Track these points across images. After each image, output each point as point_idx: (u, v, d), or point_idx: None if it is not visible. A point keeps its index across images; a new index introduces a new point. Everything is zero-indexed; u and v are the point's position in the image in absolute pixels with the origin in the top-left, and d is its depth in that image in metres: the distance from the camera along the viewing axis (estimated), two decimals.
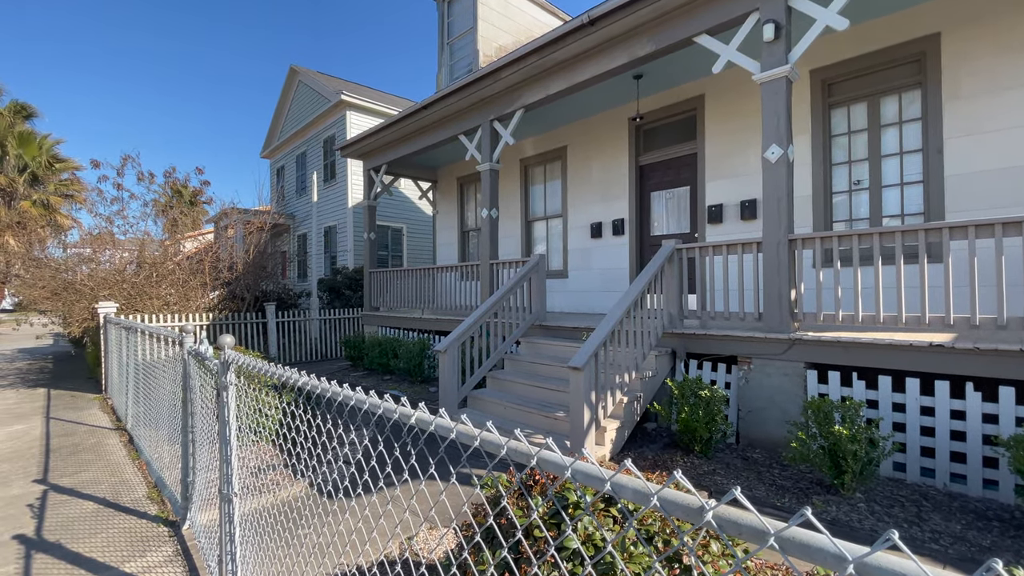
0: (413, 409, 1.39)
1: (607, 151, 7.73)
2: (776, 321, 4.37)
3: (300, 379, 1.79)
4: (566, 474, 1.00)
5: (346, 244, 15.30)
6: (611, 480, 0.79)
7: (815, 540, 0.58)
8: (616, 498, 1.92)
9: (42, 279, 9.07)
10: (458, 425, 1.34)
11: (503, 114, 6.89)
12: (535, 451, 1.11)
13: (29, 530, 3.46)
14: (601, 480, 0.92)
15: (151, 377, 4.95)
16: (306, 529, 3.23)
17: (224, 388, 2.38)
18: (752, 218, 6.16)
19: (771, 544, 0.60)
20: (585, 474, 0.97)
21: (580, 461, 1.00)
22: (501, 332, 6.04)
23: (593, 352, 3.96)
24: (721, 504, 0.66)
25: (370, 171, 9.95)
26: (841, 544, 0.56)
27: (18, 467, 4.73)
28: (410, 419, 1.45)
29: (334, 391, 1.57)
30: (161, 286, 9.07)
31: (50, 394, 8.00)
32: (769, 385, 4.42)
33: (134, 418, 5.73)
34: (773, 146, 4.40)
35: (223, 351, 2.39)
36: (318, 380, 1.80)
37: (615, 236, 7.60)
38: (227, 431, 2.39)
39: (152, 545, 3.23)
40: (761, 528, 0.62)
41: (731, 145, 6.38)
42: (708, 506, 0.67)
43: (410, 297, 9.03)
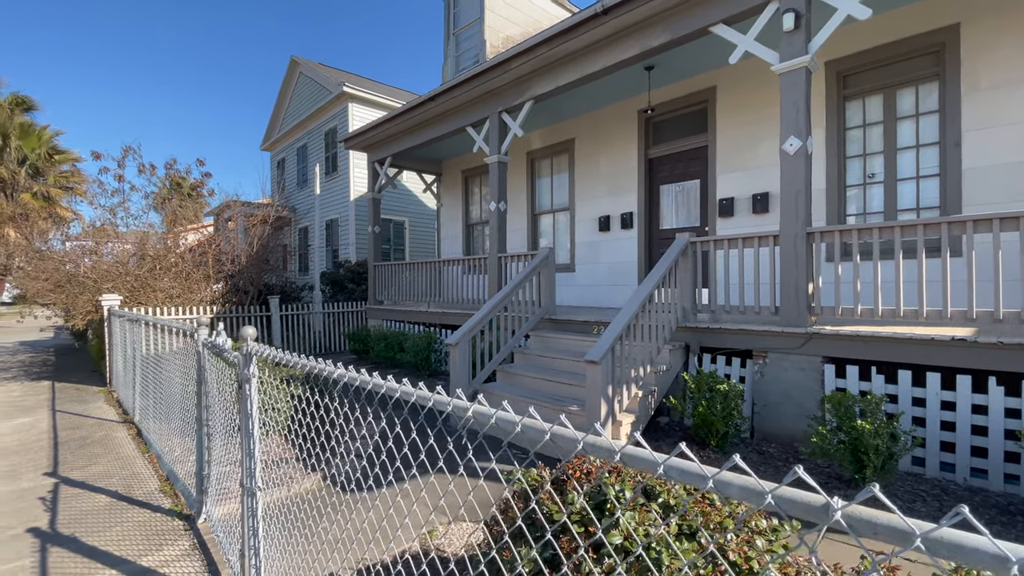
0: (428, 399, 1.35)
1: (616, 144, 7.66)
2: (793, 315, 4.33)
3: (335, 371, 1.75)
4: (616, 459, 0.95)
5: (348, 237, 15.22)
6: (714, 478, 0.75)
7: (970, 540, 0.54)
8: (656, 491, 1.88)
9: (45, 271, 8.99)
10: (498, 412, 1.31)
11: (512, 105, 6.81)
12: (581, 436, 1.04)
13: (43, 523, 3.42)
14: (654, 464, 0.88)
15: (160, 370, 4.90)
16: (323, 523, 3.19)
17: (247, 380, 2.34)
18: (764, 212, 6.11)
19: (917, 545, 0.56)
20: (641, 459, 0.93)
21: (631, 446, 0.96)
22: (510, 326, 5.99)
23: (610, 346, 3.92)
24: (852, 504, 0.62)
25: (374, 164, 9.87)
26: (1003, 545, 0.52)
27: (27, 460, 4.68)
28: (447, 407, 1.41)
29: (375, 383, 1.52)
30: (164, 279, 9.00)
31: (55, 387, 7.95)
32: (785, 379, 4.39)
33: (142, 411, 5.68)
34: (792, 138, 4.34)
35: (245, 343, 2.35)
36: (346, 370, 1.76)
37: (623, 230, 7.54)
38: (250, 424, 2.35)
39: (168, 539, 3.20)
40: (904, 528, 0.58)
41: (743, 138, 6.32)
42: (836, 505, 0.62)
43: (415, 291, 8.97)
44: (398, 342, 8.05)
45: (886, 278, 4.63)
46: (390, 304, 9.65)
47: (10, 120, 16.95)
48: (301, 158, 17.65)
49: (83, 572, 2.84)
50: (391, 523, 2.97)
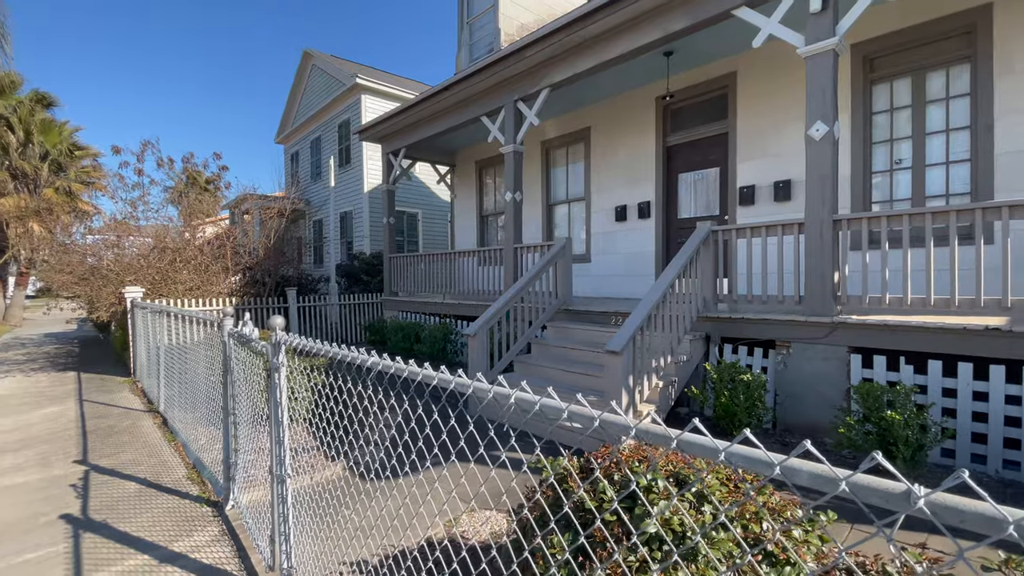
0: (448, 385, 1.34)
1: (633, 132, 7.56)
2: (818, 304, 4.25)
3: (369, 359, 1.75)
4: (672, 445, 0.94)
5: (362, 229, 15.29)
6: (781, 465, 0.72)
7: None
8: (688, 480, 1.86)
9: (69, 265, 9.17)
10: (517, 392, 1.31)
11: (527, 94, 6.74)
12: (634, 423, 1.05)
13: (75, 510, 3.51)
14: (715, 451, 0.86)
15: (184, 360, 4.98)
16: (346, 510, 3.23)
17: (276, 369, 2.36)
18: (786, 199, 5.99)
19: (1010, 533, 0.54)
20: (701, 446, 0.92)
21: (688, 433, 0.93)
22: (527, 317, 5.98)
23: (631, 336, 3.89)
24: (937, 491, 0.59)
25: (388, 155, 9.87)
26: None
27: (57, 448, 4.80)
28: (467, 389, 1.41)
29: (411, 371, 1.52)
30: (184, 271, 9.13)
31: (80, 377, 8.14)
32: (809, 370, 4.32)
33: (166, 400, 5.79)
34: (818, 123, 4.24)
35: (274, 332, 2.36)
36: (379, 358, 1.76)
37: (641, 219, 7.46)
38: (279, 412, 2.37)
39: (198, 525, 3.26)
40: (995, 516, 0.55)
41: (765, 124, 6.19)
42: (918, 492, 0.60)
43: (430, 282, 8.99)
44: (414, 333, 8.09)
45: (916, 266, 4.50)
46: (405, 296, 9.69)
47: (31, 116, 17.22)
48: (315, 151, 17.73)
49: (116, 557, 2.90)
50: (414, 511, 2.99)
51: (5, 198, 15.64)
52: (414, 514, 2.44)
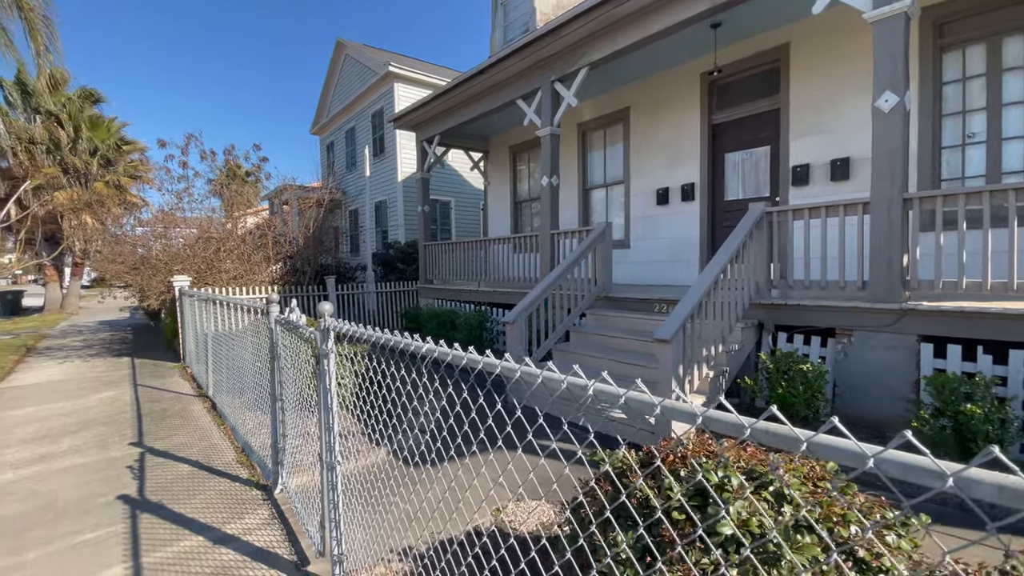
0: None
1: (676, 110, 7.25)
2: (883, 290, 3.96)
3: (418, 344, 1.67)
4: (745, 434, 0.86)
5: (396, 219, 15.40)
6: (876, 457, 0.59)
7: None
8: (766, 478, 1.72)
9: (121, 255, 9.56)
10: (569, 376, 1.20)
11: (565, 74, 6.53)
12: (702, 411, 0.96)
13: (132, 490, 3.62)
14: (796, 441, 0.77)
15: (231, 346, 5.08)
16: (390, 495, 3.21)
17: (325, 356, 2.32)
18: (844, 179, 5.62)
19: None
20: (779, 435, 0.81)
21: (762, 421, 0.85)
22: (566, 304, 5.85)
23: (681, 324, 3.71)
24: None
25: (422, 143, 9.82)
26: None
27: (114, 431, 4.99)
28: (536, 379, 1.31)
29: (459, 356, 1.43)
30: (228, 261, 9.37)
31: (134, 363, 8.50)
32: (872, 360, 4.05)
33: (214, 385, 5.95)
34: (887, 93, 3.91)
35: (322, 319, 2.32)
36: (424, 342, 1.69)
37: (684, 202, 7.18)
38: (328, 399, 2.33)
39: (248, 508, 3.30)
40: None
41: (821, 98, 5.80)
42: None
43: (464, 270, 8.95)
44: (450, 320, 8.08)
45: (997, 248, 4.14)
46: (440, 283, 9.69)
47: (80, 113, 17.96)
48: (349, 141, 17.90)
49: (171, 538, 2.97)
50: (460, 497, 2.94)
51: (59, 192, 16.43)
52: (459, 499, 2.38)
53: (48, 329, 13.78)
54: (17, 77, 17.10)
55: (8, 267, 12.37)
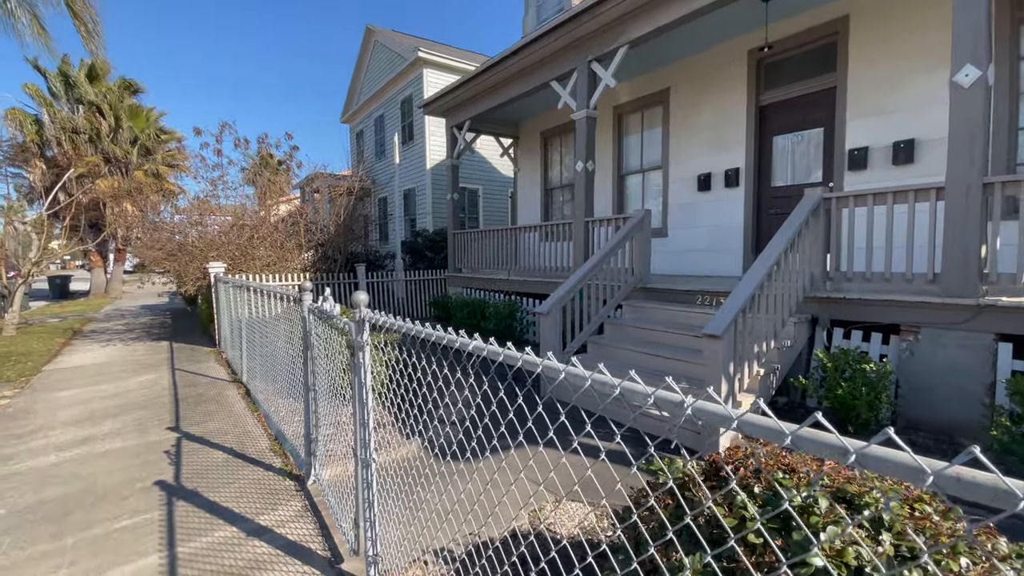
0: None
1: (720, 91, 6.86)
2: (958, 283, 3.61)
3: (470, 343, 1.52)
4: (786, 441, 0.76)
5: (425, 206, 15.34)
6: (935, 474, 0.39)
7: None
8: (860, 500, 1.50)
9: (159, 241, 9.77)
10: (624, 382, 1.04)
11: (602, 54, 6.22)
12: (737, 414, 0.87)
13: (168, 476, 3.62)
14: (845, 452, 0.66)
15: (265, 333, 5.07)
16: (424, 492, 3.10)
17: (360, 348, 2.19)
18: (908, 162, 5.20)
19: None
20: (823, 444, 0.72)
21: (806, 428, 0.75)
22: (602, 295, 5.63)
23: (733, 319, 3.46)
24: None
25: (452, 128, 9.65)
26: None
27: (152, 415, 5.06)
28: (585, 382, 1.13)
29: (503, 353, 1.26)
30: (261, 248, 9.46)
31: (172, 347, 8.69)
32: (942, 359, 3.72)
33: (248, 371, 5.99)
34: (968, 67, 3.52)
35: (358, 309, 2.19)
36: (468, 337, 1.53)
37: (727, 188, 6.82)
38: (363, 393, 2.21)
39: (281, 498, 3.25)
40: None
41: (883, 76, 5.36)
42: None
43: (494, 258, 8.80)
44: (480, 309, 7.95)
45: None
46: (469, 272, 9.57)
47: (120, 103, 18.44)
48: (378, 129, 17.89)
49: (206, 527, 2.93)
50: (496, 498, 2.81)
51: (100, 180, 16.96)
52: (496, 502, 2.23)
53: (93, 313, 14.31)
54: (60, 68, 17.65)
55: (56, 253, 12.83)
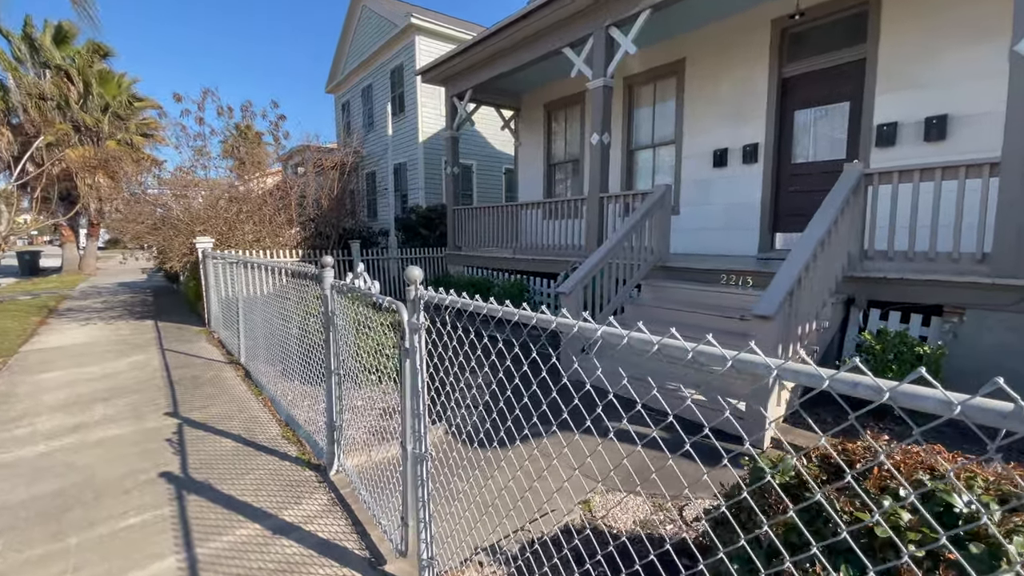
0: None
1: (740, 62, 6.59)
2: (1010, 263, 3.48)
3: (551, 320, 1.27)
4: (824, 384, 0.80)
5: (417, 181, 14.84)
6: None
7: None
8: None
9: (140, 215, 9.19)
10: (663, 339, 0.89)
11: (622, 18, 5.87)
12: (776, 362, 0.89)
13: (174, 467, 3.34)
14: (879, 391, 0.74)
15: (270, 313, 4.75)
16: (462, 484, 2.89)
17: (415, 330, 1.92)
18: (940, 139, 5.04)
19: None
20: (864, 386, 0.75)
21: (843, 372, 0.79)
22: (621, 275, 5.41)
23: (783, 299, 3.28)
24: None
25: (452, 98, 9.20)
26: None
27: (147, 399, 4.72)
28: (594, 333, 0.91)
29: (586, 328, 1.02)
30: (250, 222, 8.98)
31: (158, 326, 8.25)
32: (989, 342, 3.61)
33: (247, 352, 5.66)
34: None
35: (413, 287, 1.92)
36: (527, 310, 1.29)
37: (745, 164, 6.60)
38: (418, 380, 1.96)
39: (304, 491, 3.00)
40: None
41: (916, 47, 5.15)
42: None
43: (496, 236, 8.51)
44: (485, 289, 7.69)
45: None
46: (469, 250, 9.27)
47: (89, 67, 17.33)
48: (366, 99, 17.17)
49: (225, 525, 2.67)
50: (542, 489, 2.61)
51: (70, 149, 16.00)
52: (543, 495, 2.03)
53: (68, 290, 13.61)
54: (24, 31, 16.44)
55: (24, 227, 12.07)
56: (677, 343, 1.01)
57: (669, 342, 1.03)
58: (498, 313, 1.66)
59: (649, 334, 1.12)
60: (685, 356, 1.01)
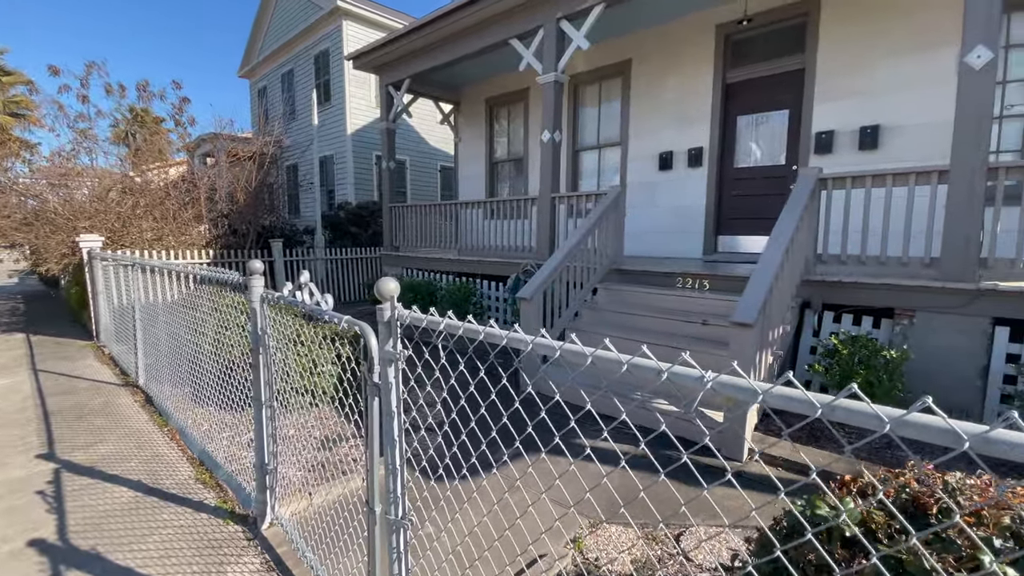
0: None
1: (685, 66, 6.61)
2: (957, 268, 3.62)
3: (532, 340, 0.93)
4: (817, 412, 0.74)
5: (346, 176, 13.91)
6: None
7: None
8: None
9: (7, 207, 7.66)
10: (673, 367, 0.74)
11: (574, 11, 5.64)
12: (763, 387, 0.80)
13: (49, 532, 2.61)
14: None
15: (174, 324, 3.99)
16: (431, 526, 2.47)
17: (388, 362, 1.49)
18: (873, 148, 5.28)
19: None
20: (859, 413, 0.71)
21: (843, 399, 0.74)
22: (577, 278, 5.18)
23: (762, 305, 3.16)
24: None
25: (388, 87, 8.56)
26: None
27: (14, 436, 3.80)
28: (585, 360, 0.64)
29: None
30: (149, 218, 7.81)
31: (31, 340, 6.91)
32: (937, 343, 3.74)
33: (147, 371, 4.79)
34: (979, 47, 3.46)
35: (385, 305, 1.48)
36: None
37: (691, 168, 6.64)
38: (393, 427, 1.52)
39: (229, 554, 2.42)
40: None
41: (853, 58, 5.37)
42: None
43: (438, 236, 8.05)
44: (428, 293, 7.18)
45: None
46: (408, 251, 8.68)
47: None
48: (287, 86, 15.86)
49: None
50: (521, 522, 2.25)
51: None
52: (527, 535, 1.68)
53: None
54: None
55: None
56: (650, 364, 0.91)
57: (641, 362, 0.93)
58: (502, 341, 1.28)
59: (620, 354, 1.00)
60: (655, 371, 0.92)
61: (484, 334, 1.21)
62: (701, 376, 0.86)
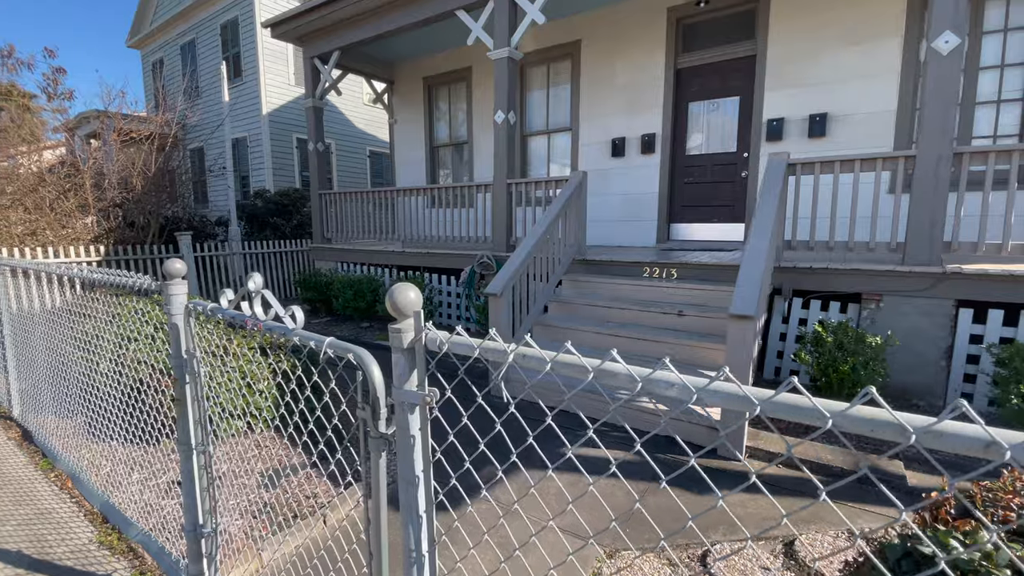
0: None
1: (636, 50, 6.43)
2: (923, 252, 3.69)
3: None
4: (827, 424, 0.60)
5: (262, 161, 12.61)
6: None
7: None
8: None
9: None
10: None
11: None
12: (762, 394, 0.65)
13: None
14: None
15: (62, 338, 3.16)
16: None
17: (411, 406, 1.04)
18: (821, 136, 5.38)
19: None
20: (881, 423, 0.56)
21: (861, 406, 0.59)
22: (544, 270, 4.84)
23: (759, 295, 2.99)
24: None
25: (313, 60, 7.67)
26: None
27: None
28: None
29: None
30: (19, 208, 6.45)
31: None
32: (904, 326, 3.81)
33: (24, 399, 3.84)
34: (947, 33, 3.49)
35: (406, 324, 1.02)
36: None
37: (643, 155, 6.50)
38: (418, 498, 1.07)
39: None
40: None
41: (802, 47, 5.42)
42: None
43: (377, 226, 7.39)
44: (370, 289, 6.54)
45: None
46: (343, 243, 7.91)
47: None
48: (188, 59, 14.07)
49: None
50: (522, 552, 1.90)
51: None
52: None
53: None
54: None
55: None
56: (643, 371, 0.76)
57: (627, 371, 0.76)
58: None
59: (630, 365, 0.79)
60: None
61: (593, 370, 0.81)
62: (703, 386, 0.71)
